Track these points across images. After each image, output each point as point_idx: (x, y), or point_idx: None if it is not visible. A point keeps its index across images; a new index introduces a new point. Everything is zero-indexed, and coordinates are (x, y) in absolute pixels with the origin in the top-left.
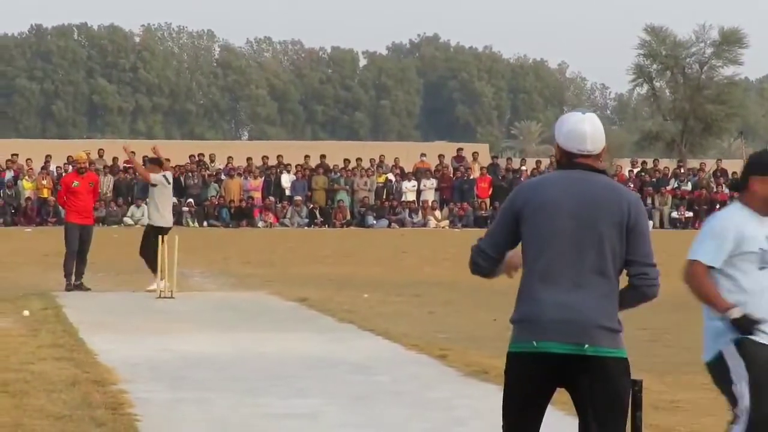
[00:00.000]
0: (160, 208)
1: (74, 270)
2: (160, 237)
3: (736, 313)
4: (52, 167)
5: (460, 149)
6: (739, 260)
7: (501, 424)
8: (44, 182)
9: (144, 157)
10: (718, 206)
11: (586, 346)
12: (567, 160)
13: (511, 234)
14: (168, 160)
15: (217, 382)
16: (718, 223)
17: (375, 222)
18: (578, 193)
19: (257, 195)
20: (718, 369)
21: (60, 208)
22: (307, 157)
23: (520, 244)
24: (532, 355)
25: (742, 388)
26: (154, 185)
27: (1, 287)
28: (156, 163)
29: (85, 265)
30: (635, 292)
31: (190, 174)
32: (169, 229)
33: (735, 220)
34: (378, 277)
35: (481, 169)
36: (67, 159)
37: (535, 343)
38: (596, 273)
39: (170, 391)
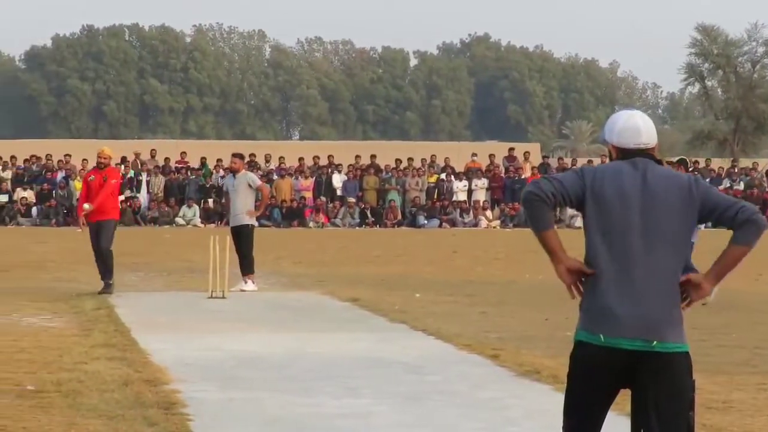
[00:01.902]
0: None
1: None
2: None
3: None
4: None
5: (511, 149)
6: None
7: (554, 424)
8: None
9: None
10: None
11: (655, 342)
12: (624, 156)
13: (575, 196)
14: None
15: (269, 381)
16: None
17: (426, 222)
18: (645, 186)
19: (308, 195)
20: None
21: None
22: (358, 157)
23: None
24: (599, 348)
25: None
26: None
27: (54, 287)
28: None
29: (107, 265)
30: (746, 226)
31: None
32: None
33: None
34: (429, 277)
35: (533, 168)
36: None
37: (602, 337)
38: (663, 266)
39: (222, 391)
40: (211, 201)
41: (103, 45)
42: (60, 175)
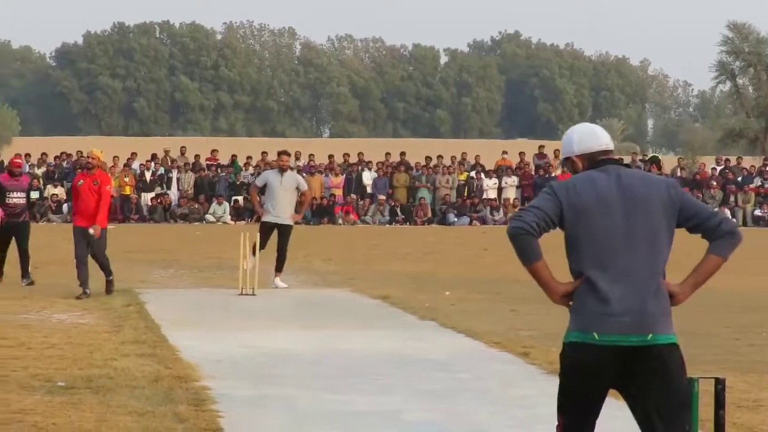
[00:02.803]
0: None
1: (87, 275)
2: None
3: None
4: (135, 165)
5: (541, 146)
6: None
7: (562, 420)
8: (126, 179)
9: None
10: None
11: (650, 335)
12: (591, 164)
13: (555, 217)
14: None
15: (299, 378)
16: None
17: (456, 219)
18: (622, 189)
19: (338, 192)
20: None
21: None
22: (388, 154)
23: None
24: (594, 347)
25: None
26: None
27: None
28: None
29: (106, 269)
30: (726, 239)
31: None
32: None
33: None
34: (459, 274)
35: (563, 167)
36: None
37: (596, 335)
38: (648, 263)
39: (253, 388)
40: (241, 198)
41: (133, 42)
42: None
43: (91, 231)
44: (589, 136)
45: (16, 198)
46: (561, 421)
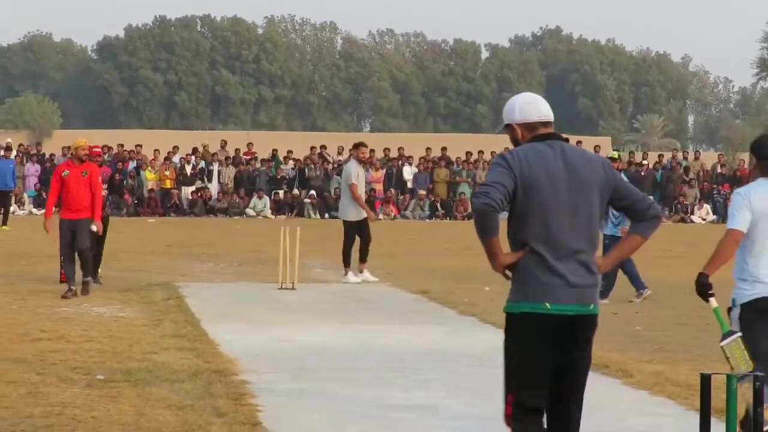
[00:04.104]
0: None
1: (74, 272)
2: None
3: None
4: (176, 158)
5: (579, 142)
6: None
7: (622, 417)
8: (167, 173)
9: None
10: None
11: (591, 306)
12: (530, 133)
13: (512, 191)
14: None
15: (338, 373)
16: None
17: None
18: (568, 166)
19: (379, 187)
20: None
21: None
22: (428, 149)
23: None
24: (547, 316)
25: None
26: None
27: (125, 277)
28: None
29: (87, 266)
30: (651, 222)
31: (312, 166)
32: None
33: None
34: None
35: None
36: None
37: (548, 305)
38: (588, 237)
39: (292, 382)
40: (282, 192)
41: (175, 36)
42: (131, 164)
43: (93, 228)
44: (531, 106)
45: None
46: (512, 397)
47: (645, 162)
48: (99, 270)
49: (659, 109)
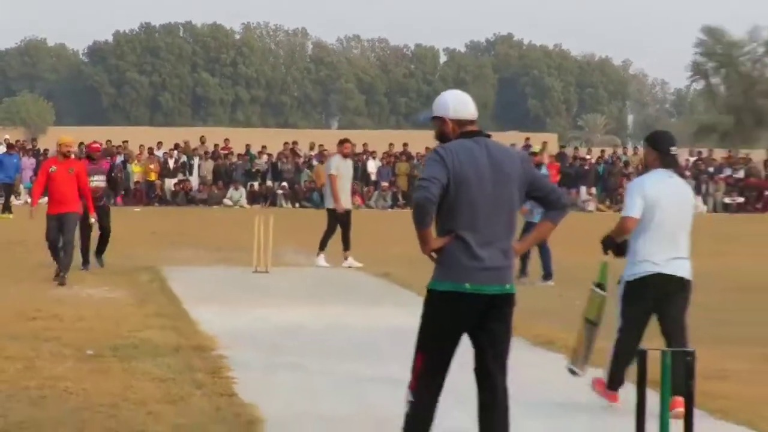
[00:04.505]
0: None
1: (60, 262)
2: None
3: None
4: (159, 153)
5: (527, 138)
6: None
7: (565, 389)
8: (151, 166)
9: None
10: (767, 192)
11: (507, 285)
12: (459, 128)
13: (445, 183)
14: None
15: (309, 349)
16: None
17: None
18: (492, 162)
19: None
20: None
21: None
22: (391, 145)
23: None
24: (466, 295)
25: None
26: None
27: (113, 262)
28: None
29: (67, 260)
30: (561, 211)
31: (284, 160)
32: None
33: None
34: None
35: (550, 157)
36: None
37: (468, 285)
38: (507, 227)
39: (266, 358)
40: (256, 184)
41: (159, 41)
42: (119, 158)
43: (92, 220)
44: (463, 105)
45: (97, 182)
46: (421, 357)
47: (588, 156)
48: (103, 254)
49: (601, 108)
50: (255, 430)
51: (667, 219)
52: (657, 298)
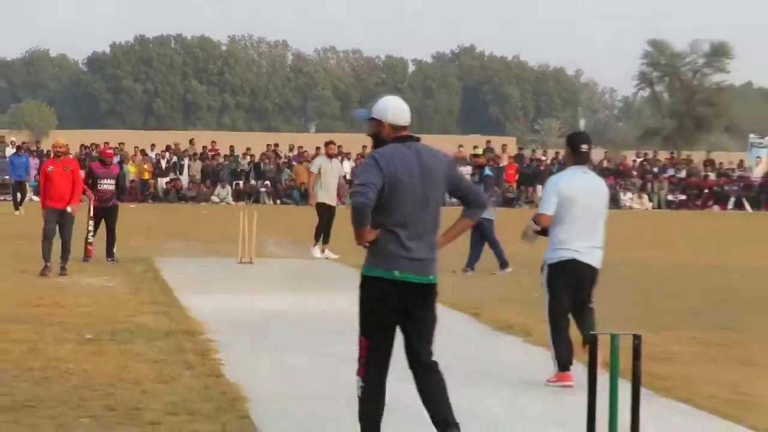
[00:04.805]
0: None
1: (51, 251)
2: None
3: None
4: (152, 154)
5: (488, 141)
6: None
7: (523, 368)
8: (145, 166)
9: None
10: (706, 190)
11: (431, 276)
12: (394, 132)
13: (381, 186)
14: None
15: (289, 333)
16: None
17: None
18: (422, 165)
19: None
20: None
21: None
22: (364, 146)
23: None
24: (395, 282)
25: None
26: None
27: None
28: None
29: (66, 253)
30: (478, 209)
31: (266, 161)
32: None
33: None
34: None
35: (509, 158)
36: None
37: (397, 273)
38: (433, 223)
39: (250, 341)
40: (241, 182)
41: (152, 52)
42: (116, 159)
43: (69, 210)
44: (401, 111)
45: (107, 184)
46: (365, 343)
47: (543, 158)
48: (114, 249)
49: (556, 114)
50: (240, 407)
51: (582, 212)
52: (575, 282)
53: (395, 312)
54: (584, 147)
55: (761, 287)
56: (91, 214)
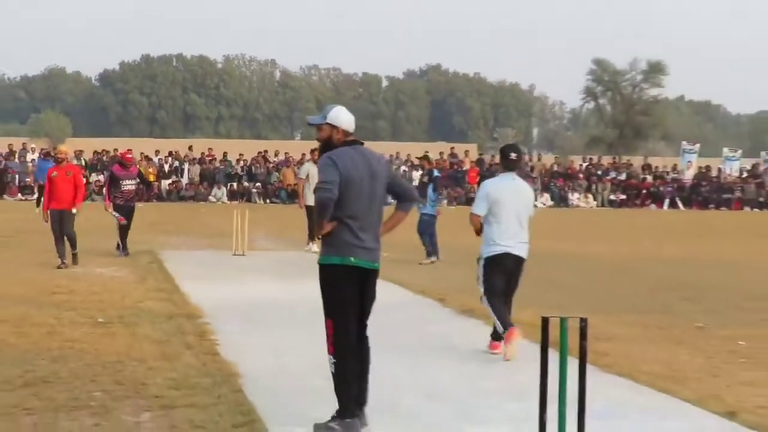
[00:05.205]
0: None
1: (64, 249)
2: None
3: None
4: (156, 159)
5: (452, 148)
6: None
7: (483, 346)
8: (150, 170)
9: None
10: (644, 191)
11: (377, 264)
12: (344, 137)
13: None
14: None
15: (278, 317)
16: None
17: (392, 201)
18: (368, 166)
19: None
20: None
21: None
22: (303, 154)
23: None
24: (351, 267)
25: None
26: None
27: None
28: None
29: (73, 243)
30: (410, 203)
31: (257, 165)
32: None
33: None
34: (394, 242)
35: (471, 162)
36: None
37: (353, 259)
38: (378, 217)
39: (242, 324)
40: (235, 184)
41: (156, 69)
42: None
43: (74, 210)
44: (351, 120)
45: (128, 185)
46: (331, 323)
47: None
48: (126, 243)
49: (512, 123)
50: (234, 382)
51: (509, 212)
52: (507, 271)
53: (352, 294)
54: (513, 156)
55: (691, 276)
56: (117, 223)
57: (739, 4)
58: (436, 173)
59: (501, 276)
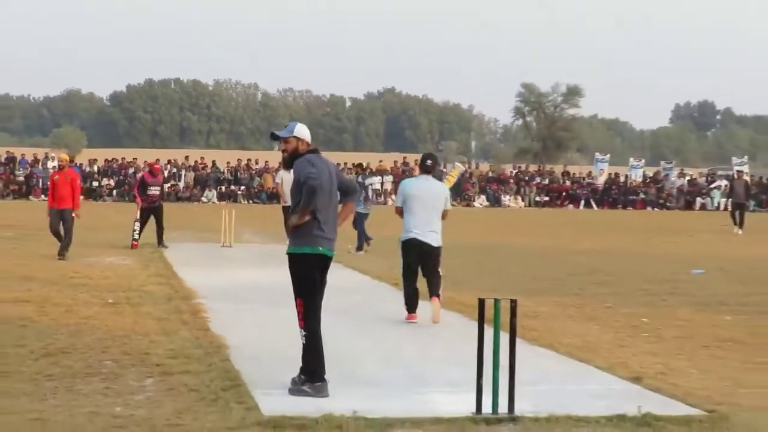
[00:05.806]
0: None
1: (62, 243)
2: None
3: None
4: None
5: (405, 157)
6: None
7: (302, 301)
8: None
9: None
10: (564, 193)
11: (334, 252)
12: (307, 148)
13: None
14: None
15: (262, 299)
16: None
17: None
18: (329, 168)
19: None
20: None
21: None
22: (267, 161)
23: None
24: (319, 255)
25: None
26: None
27: (125, 240)
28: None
29: (69, 240)
30: (353, 195)
31: (242, 171)
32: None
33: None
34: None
35: (419, 169)
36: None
37: (321, 249)
38: (335, 212)
39: (231, 304)
40: (223, 187)
41: (157, 91)
42: (130, 170)
43: (74, 214)
44: (309, 135)
45: (154, 190)
46: (301, 302)
47: (445, 170)
48: (163, 237)
49: (455, 137)
50: (223, 352)
51: (422, 206)
52: (418, 254)
53: (318, 278)
54: (428, 162)
55: (602, 264)
56: (137, 216)
57: (642, 35)
58: (361, 179)
59: (413, 258)
